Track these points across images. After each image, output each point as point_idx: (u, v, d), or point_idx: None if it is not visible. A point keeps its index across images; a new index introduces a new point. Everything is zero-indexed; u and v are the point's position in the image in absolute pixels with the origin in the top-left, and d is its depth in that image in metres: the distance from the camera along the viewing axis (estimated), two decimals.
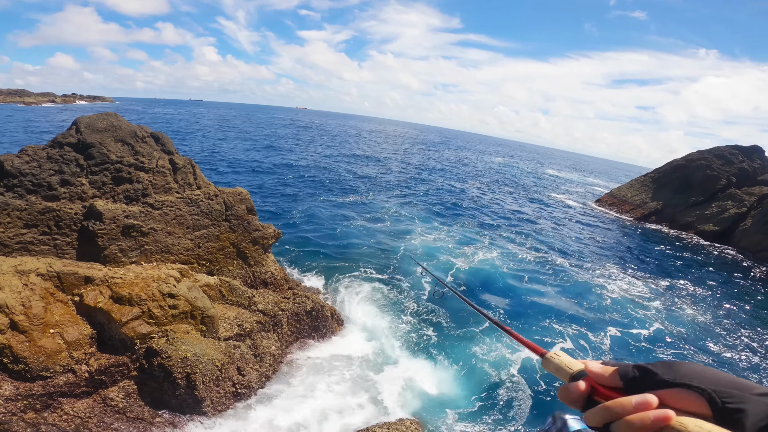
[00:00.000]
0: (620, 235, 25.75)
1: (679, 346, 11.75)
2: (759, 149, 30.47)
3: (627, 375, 0.65)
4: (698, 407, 0.58)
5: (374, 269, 13.57)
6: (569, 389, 0.72)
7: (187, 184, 10.53)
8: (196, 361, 5.31)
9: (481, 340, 10.42)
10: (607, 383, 0.68)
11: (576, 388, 0.70)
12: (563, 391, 0.73)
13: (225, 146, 38.99)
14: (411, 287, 12.63)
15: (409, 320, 10.91)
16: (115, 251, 7.06)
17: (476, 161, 67.94)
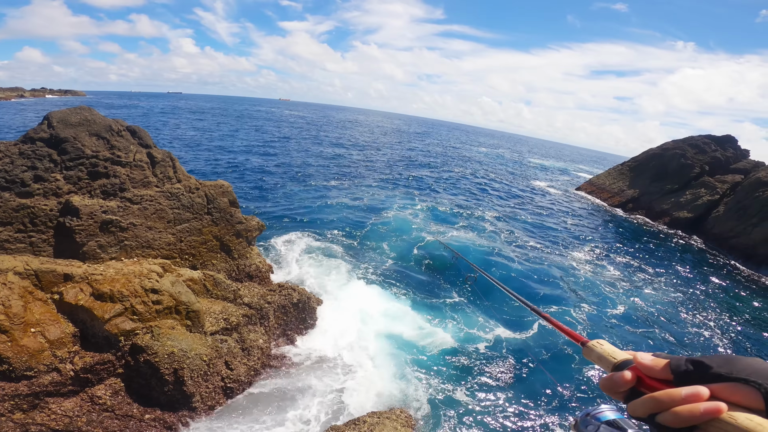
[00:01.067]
0: (598, 220, 26.56)
1: (646, 323, 12.32)
2: (732, 139, 31.63)
3: (679, 368, 0.63)
4: (752, 402, 0.56)
5: (356, 250, 13.70)
6: (614, 379, 0.70)
7: (166, 178, 10.36)
8: (182, 356, 5.33)
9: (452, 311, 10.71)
10: (656, 375, 0.66)
11: (622, 378, 0.68)
12: (607, 381, 0.71)
13: (206, 138, 38.21)
14: (399, 268, 12.81)
15: (396, 300, 11.11)
16: (94, 247, 6.95)
17: (461, 150, 68.52)
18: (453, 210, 22.41)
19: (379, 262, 13.85)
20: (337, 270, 12.63)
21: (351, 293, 11.37)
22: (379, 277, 12.72)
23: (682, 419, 0.57)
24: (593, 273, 16.00)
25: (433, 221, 19.54)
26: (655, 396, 0.62)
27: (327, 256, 13.50)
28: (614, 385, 0.70)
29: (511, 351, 9.97)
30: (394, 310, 11.00)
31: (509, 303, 12.17)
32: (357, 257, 13.88)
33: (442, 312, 11.34)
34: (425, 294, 12.22)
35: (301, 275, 12.03)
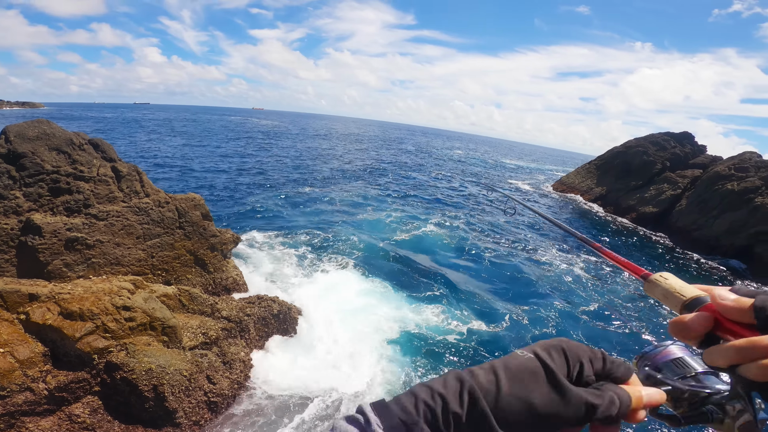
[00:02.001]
0: (568, 218, 27.58)
1: (618, 316, 12.88)
2: (689, 135, 33.66)
3: (765, 311, 0.55)
4: None
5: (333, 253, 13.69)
6: (686, 323, 0.61)
7: (133, 192, 10.10)
8: (161, 372, 5.18)
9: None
10: (735, 318, 0.58)
11: (696, 321, 0.60)
12: (678, 324, 0.63)
13: (176, 150, 37.26)
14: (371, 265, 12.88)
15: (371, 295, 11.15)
16: (60, 266, 6.67)
17: (437, 154, 69.88)
18: (431, 210, 22.80)
19: (356, 262, 13.89)
20: (315, 274, 12.60)
21: (331, 297, 11.35)
22: (358, 276, 12.80)
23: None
24: (564, 269, 16.59)
25: (410, 221, 19.78)
26: (738, 345, 0.54)
27: (305, 261, 13.44)
28: (686, 330, 0.61)
29: (484, 343, 10.24)
30: (373, 308, 11.05)
31: (481, 295, 12.51)
32: (334, 260, 13.87)
33: (419, 307, 11.46)
34: (403, 290, 12.35)
35: (279, 284, 11.91)
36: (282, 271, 12.66)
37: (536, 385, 0.59)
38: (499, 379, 0.59)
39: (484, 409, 0.56)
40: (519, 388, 0.58)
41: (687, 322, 0.61)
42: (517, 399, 0.57)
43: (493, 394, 0.58)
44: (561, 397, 0.58)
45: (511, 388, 0.58)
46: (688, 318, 0.61)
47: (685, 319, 0.62)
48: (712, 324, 0.59)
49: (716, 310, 0.60)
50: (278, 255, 13.82)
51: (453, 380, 0.59)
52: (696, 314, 0.61)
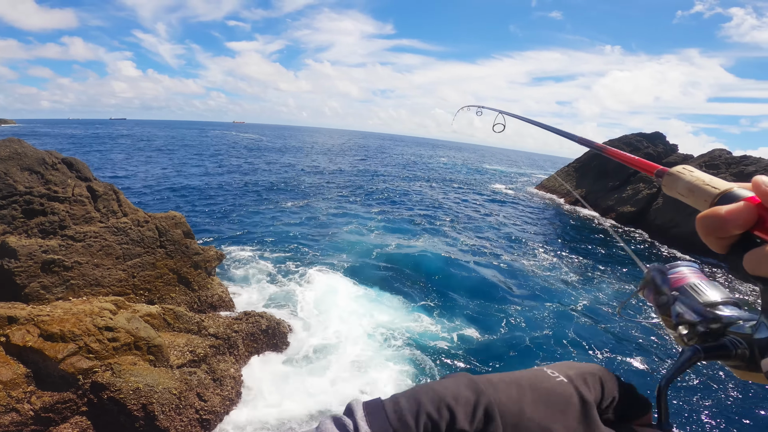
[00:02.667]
0: (553, 220, 28.22)
1: (604, 318, 13.16)
2: (661, 135, 35.08)
3: None
4: None
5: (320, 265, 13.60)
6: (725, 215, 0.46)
7: (111, 212, 9.91)
8: (150, 391, 5.04)
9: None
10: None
11: (738, 213, 0.46)
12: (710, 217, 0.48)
13: (155, 167, 36.60)
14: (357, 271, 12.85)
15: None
16: (37, 288, 6.45)
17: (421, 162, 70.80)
18: (417, 218, 22.95)
19: (344, 273, 13.82)
20: (304, 288, 12.47)
21: (321, 309, 11.24)
22: (347, 287, 12.72)
23: None
24: (553, 271, 16.90)
25: (397, 230, 19.87)
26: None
27: (293, 275, 13.30)
28: (721, 225, 0.47)
29: (480, 345, 10.29)
30: (364, 318, 10.99)
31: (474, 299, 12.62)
32: (322, 273, 13.77)
33: (413, 315, 11.46)
34: (394, 298, 12.33)
35: (267, 299, 11.76)
36: (269, 286, 12.51)
37: (564, 417, 0.50)
38: (523, 399, 0.50)
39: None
40: (545, 416, 0.49)
41: (724, 214, 0.46)
42: (538, 426, 0.48)
43: (513, 416, 0.49)
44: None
45: (536, 412, 0.49)
46: (725, 209, 0.46)
47: (722, 211, 0.47)
48: (756, 219, 0.45)
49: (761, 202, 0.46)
50: (264, 270, 13.65)
51: (467, 390, 0.50)
52: (737, 204, 0.46)
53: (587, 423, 0.49)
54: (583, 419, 0.50)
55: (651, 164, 0.75)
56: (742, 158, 27.25)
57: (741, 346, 0.50)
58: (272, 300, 11.72)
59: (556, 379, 0.53)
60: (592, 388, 0.53)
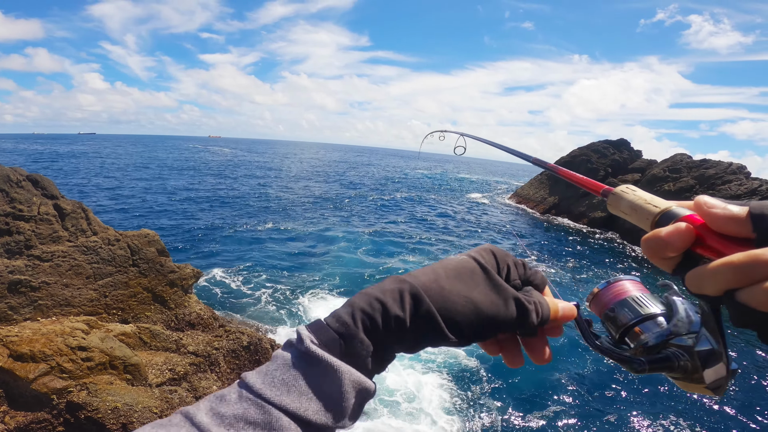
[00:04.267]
0: (529, 227, 28.94)
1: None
2: (626, 142, 36.80)
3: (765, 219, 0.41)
4: None
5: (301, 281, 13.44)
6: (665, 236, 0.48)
7: (79, 231, 9.58)
8: (129, 410, 4.83)
9: None
10: (726, 230, 0.45)
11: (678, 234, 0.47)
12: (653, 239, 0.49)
13: (127, 184, 35.45)
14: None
15: None
16: (4, 309, 6.12)
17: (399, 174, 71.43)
18: (398, 232, 23.07)
19: (327, 289, 13.70)
20: (285, 304, 12.28)
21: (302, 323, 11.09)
22: (329, 302, 12.59)
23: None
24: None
25: (379, 245, 19.88)
26: (737, 262, 0.40)
27: (273, 291, 13.08)
28: (663, 246, 0.48)
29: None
30: None
31: None
32: (303, 288, 13.61)
33: None
34: None
35: (247, 315, 11.52)
36: (249, 303, 12.26)
37: (475, 284, 0.57)
38: (440, 278, 0.56)
39: (429, 309, 0.53)
40: (461, 286, 0.56)
41: (665, 236, 0.48)
42: (460, 296, 0.55)
43: (437, 291, 0.54)
44: (499, 294, 0.57)
45: (453, 285, 0.56)
46: (665, 231, 0.48)
47: (662, 233, 0.48)
48: (694, 239, 0.47)
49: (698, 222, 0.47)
50: (244, 287, 13.39)
51: (391, 283, 0.56)
52: (675, 226, 0.48)
53: (493, 283, 0.57)
54: (489, 281, 0.57)
55: (597, 184, 0.78)
56: (702, 162, 28.88)
57: (683, 358, 0.51)
58: (252, 316, 11.50)
59: (459, 258, 0.61)
60: (487, 258, 0.61)
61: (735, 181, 25.05)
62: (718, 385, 0.49)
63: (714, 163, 28.22)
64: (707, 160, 28.79)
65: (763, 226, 0.41)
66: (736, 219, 0.43)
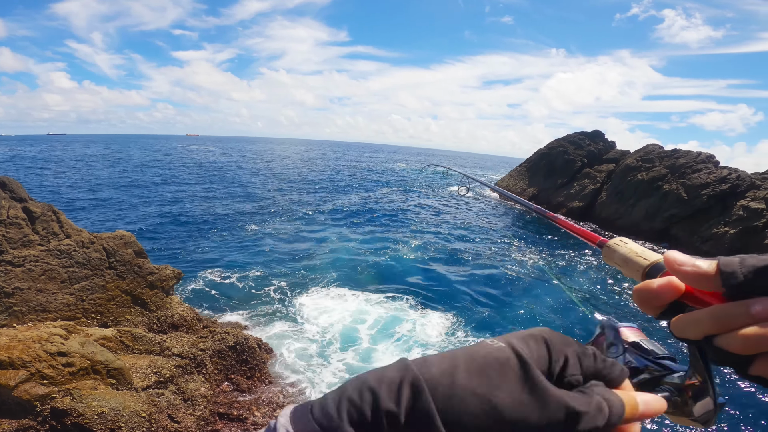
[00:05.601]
0: (510, 218, 29.50)
1: (569, 310, 13.97)
2: (600, 133, 37.82)
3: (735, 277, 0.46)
4: None
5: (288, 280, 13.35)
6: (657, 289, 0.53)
7: (51, 234, 9.26)
8: (116, 415, 4.73)
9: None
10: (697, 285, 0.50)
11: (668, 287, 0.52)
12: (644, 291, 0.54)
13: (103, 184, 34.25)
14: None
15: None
16: None
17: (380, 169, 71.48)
18: (383, 227, 23.16)
19: (313, 285, 13.66)
20: (271, 303, 12.19)
21: (287, 322, 11.04)
22: (316, 301, 12.57)
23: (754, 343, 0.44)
24: (516, 269, 17.65)
25: (365, 239, 19.90)
26: (715, 312, 0.47)
27: (257, 289, 12.95)
28: (653, 297, 0.53)
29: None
30: (339, 329, 10.93)
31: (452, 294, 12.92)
32: (288, 285, 13.52)
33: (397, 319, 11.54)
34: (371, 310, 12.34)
35: (233, 315, 11.39)
36: (233, 304, 12.11)
37: (504, 381, 0.46)
38: (456, 371, 0.47)
39: (427, 406, 0.44)
40: (481, 383, 0.46)
41: (656, 288, 0.53)
42: (475, 396, 0.45)
43: (445, 388, 0.46)
44: (535, 398, 0.45)
45: (470, 381, 0.46)
46: (656, 284, 0.53)
47: (653, 285, 0.53)
48: (682, 293, 0.52)
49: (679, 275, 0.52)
50: (227, 288, 13.20)
51: (394, 371, 0.48)
52: (666, 279, 0.53)
53: (529, 383, 0.46)
54: (524, 380, 0.46)
55: (594, 236, 0.84)
56: (673, 152, 29.99)
57: (674, 395, 0.56)
58: (237, 316, 11.38)
59: (494, 346, 0.50)
60: (534, 348, 0.49)
61: (704, 169, 26.14)
62: (707, 419, 0.54)
63: (684, 152, 29.36)
64: (678, 150, 29.92)
65: (732, 282, 0.46)
66: (705, 276, 0.49)
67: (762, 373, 0.46)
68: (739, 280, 0.46)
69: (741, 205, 21.82)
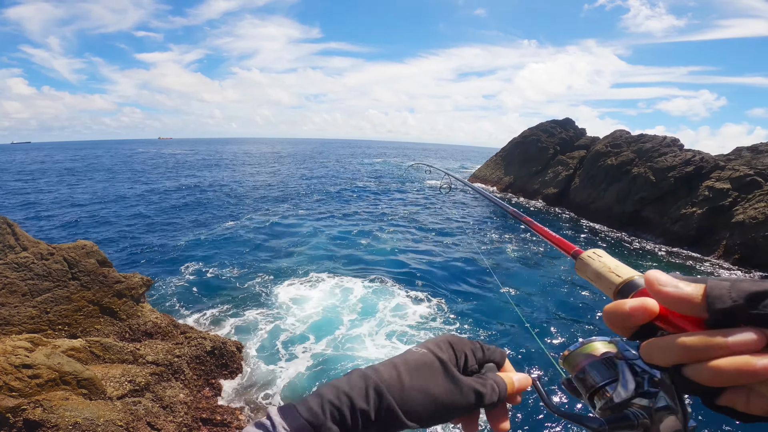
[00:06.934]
0: (487, 208, 30.06)
1: (556, 301, 14.42)
2: (570, 121, 38.94)
3: (721, 302, 0.43)
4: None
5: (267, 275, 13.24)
6: (629, 310, 0.50)
7: (7, 248, 8.95)
8: (90, 424, 4.62)
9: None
10: (679, 310, 0.47)
11: (641, 309, 0.50)
12: (615, 312, 0.52)
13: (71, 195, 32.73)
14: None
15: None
16: None
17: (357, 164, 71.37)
18: (364, 222, 23.16)
19: (293, 280, 13.59)
20: (249, 301, 12.06)
21: (269, 323, 10.96)
22: (298, 293, 12.51)
23: (726, 377, 0.42)
24: (497, 257, 18.04)
25: (348, 236, 19.86)
26: (688, 343, 0.44)
27: (235, 294, 12.76)
28: (625, 319, 0.51)
29: None
30: (318, 321, 10.93)
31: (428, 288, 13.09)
32: (268, 282, 13.39)
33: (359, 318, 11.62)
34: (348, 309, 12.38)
35: (209, 320, 11.21)
36: (210, 309, 11.91)
37: (434, 377, 0.66)
38: (401, 374, 0.65)
39: (390, 404, 0.62)
40: (419, 381, 0.65)
41: (628, 310, 0.51)
42: (418, 391, 0.64)
43: (397, 388, 0.63)
44: (455, 386, 0.66)
45: (412, 381, 0.65)
46: (629, 306, 0.51)
47: (625, 307, 0.51)
48: (656, 315, 0.50)
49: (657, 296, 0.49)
50: (202, 292, 12.95)
51: (357, 379, 0.64)
52: (639, 301, 0.50)
53: (449, 376, 0.67)
54: (445, 375, 0.67)
55: (568, 245, 0.85)
56: (640, 136, 31.21)
57: (642, 417, 0.56)
58: (215, 320, 11.21)
59: (420, 352, 0.70)
60: (445, 350, 0.71)
61: (670, 153, 27.32)
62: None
63: (650, 137, 30.59)
64: (644, 135, 31.15)
65: (718, 309, 0.43)
66: (689, 301, 0.46)
67: (731, 404, 0.44)
68: (726, 305, 0.42)
69: (706, 186, 22.97)
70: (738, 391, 0.43)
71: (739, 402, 0.44)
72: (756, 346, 0.41)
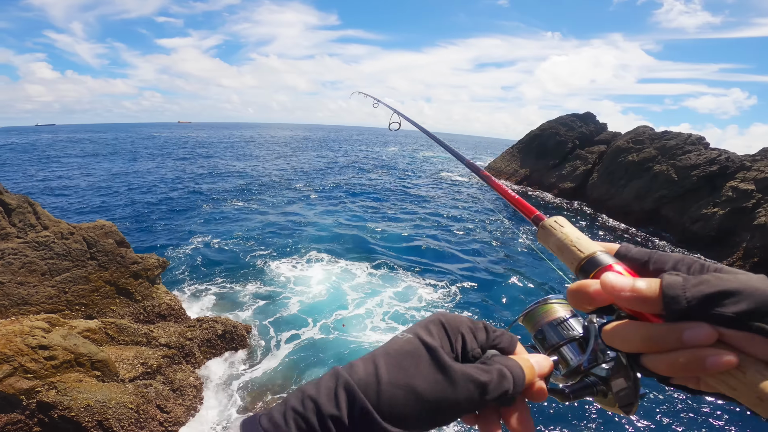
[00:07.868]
0: (501, 203, 29.71)
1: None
2: (591, 115, 37.92)
3: (677, 304, 0.45)
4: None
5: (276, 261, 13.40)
6: (593, 294, 0.52)
7: (28, 226, 9.14)
8: (102, 407, 4.77)
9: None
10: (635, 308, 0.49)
11: (603, 295, 0.51)
12: (579, 293, 0.54)
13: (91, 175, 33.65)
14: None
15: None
16: None
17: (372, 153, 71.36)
18: (374, 208, 23.33)
19: (303, 267, 13.72)
20: (259, 287, 12.23)
21: (279, 306, 11.11)
22: (307, 275, 12.64)
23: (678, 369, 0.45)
24: (508, 247, 17.88)
25: (357, 221, 19.96)
26: (646, 334, 0.47)
27: (247, 277, 12.95)
28: (588, 300, 0.53)
29: None
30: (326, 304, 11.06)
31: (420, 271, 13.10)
32: (278, 270, 13.55)
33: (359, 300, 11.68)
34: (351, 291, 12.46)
35: (222, 302, 11.43)
36: (223, 291, 12.11)
37: (419, 369, 0.53)
38: (378, 369, 0.53)
39: (364, 405, 0.50)
40: (400, 375, 0.53)
41: (591, 293, 0.52)
42: (399, 388, 0.52)
43: (373, 386, 0.52)
44: (445, 377, 0.52)
45: (390, 375, 0.52)
46: (592, 289, 0.52)
47: (589, 289, 0.52)
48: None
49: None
50: (217, 275, 13.17)
51: (327, 379, 0.54)
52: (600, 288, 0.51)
53: (439, 365, 0.53)
54: (433, 364, 0.53)
55: (529, 207, 0.75)
56: (664, 133, 30.24)
57: (599, 385, 0.57)
58: (228, 303, 11.41)
59: (404, 339, 0.57)
60: (435, 333, 0.57)
61: (694, 151, 26.43)
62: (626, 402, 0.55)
63: (674, 134, 29.61)
64: (668, 132, 30.16)
65: (675, 308, 0.45)
66: (646, 300, 0.47)
67: (685, 383, 0.49)
68: (681, 306, 0.45)
69: (730, 186, 22.22)
70: (689, 378, 0.48)
71: (690, 383, 0.49)
72: (708, 341, 0.44)
